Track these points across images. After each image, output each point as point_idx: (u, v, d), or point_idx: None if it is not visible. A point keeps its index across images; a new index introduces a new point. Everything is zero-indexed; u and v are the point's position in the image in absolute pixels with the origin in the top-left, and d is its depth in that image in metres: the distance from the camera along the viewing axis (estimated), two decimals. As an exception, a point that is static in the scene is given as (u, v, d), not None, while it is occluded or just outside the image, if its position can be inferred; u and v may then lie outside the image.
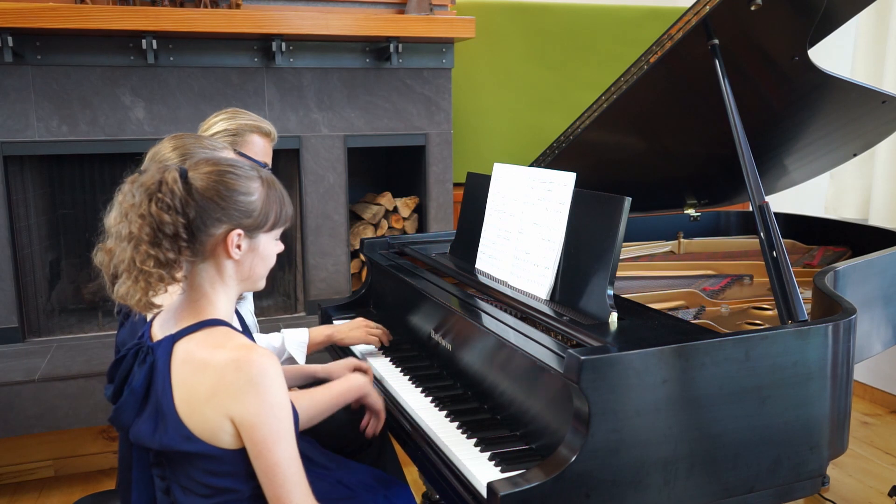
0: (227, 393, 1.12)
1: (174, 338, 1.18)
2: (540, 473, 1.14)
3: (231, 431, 1.14)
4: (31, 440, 2.69)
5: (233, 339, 1.18)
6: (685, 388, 1.21)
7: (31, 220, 2.93)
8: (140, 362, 1.19)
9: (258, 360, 1.13)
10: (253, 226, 1.20)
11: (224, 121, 1.85)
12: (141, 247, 1.13)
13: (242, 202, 1.18)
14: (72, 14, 2.58)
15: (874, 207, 3.14)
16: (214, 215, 1.16)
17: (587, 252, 1.46)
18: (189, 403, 1.14)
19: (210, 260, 1.20)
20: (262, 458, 1.13)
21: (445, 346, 1.68)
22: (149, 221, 1.13)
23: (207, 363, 1.14)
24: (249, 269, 1.23)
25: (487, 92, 3.68)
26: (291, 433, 1.16)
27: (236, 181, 1.19)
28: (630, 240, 2.44)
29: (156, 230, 1.13)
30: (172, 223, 1.13)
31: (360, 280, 3.37)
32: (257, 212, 1.20)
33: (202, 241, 1.17)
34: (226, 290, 1.23)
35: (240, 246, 1.20)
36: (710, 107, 1.76)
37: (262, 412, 1.12)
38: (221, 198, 1.17)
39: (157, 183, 1.14)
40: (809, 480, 1.34)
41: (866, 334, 1.76)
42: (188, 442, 1.14)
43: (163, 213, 1.13)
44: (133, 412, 1.19)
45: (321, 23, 2.87)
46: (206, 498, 1.18)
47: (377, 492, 1.47)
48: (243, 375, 1.11)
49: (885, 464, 2.81)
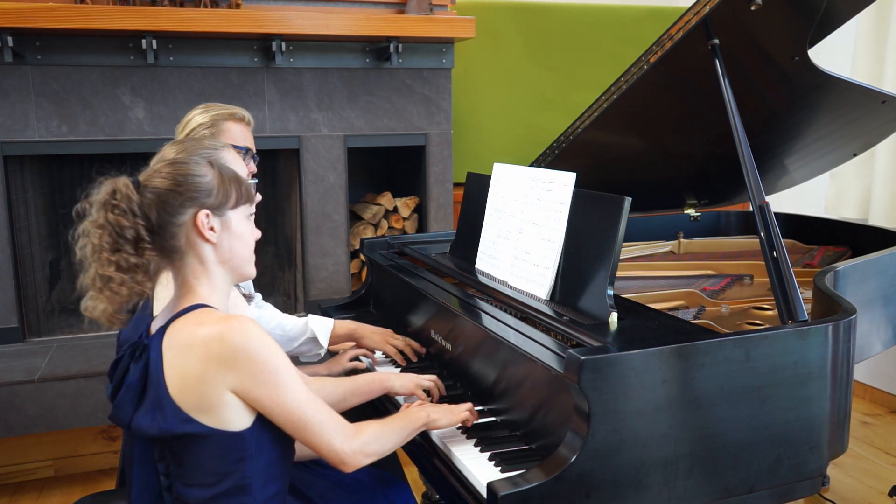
0: (217, 366, 1.14)
1: (163, 330, 1.20)
2: (540, 473, 1.14)
3: (238, 405, 1.16)
4: (31, 440, 2.69)
5: (213, 315, 1.19)
6: (685, 388, 1.21)
7: (31, 220, 2.93)
8: (136, 359, 1.21)
9: (238, 325, 1.15)
10: (217, 203, 1.23)
11: (198, 115, 1.86)
12: (102, 255, 1.17)
13: (199, 183, 1.22)
14: (72, 14, 2.58)
15: (874, 207, 3.14)
16: (176, 203, 1.20)
17: (587, 252, 1.46)
18: (182, 385, 1.16)
19: (189, 252, 1.23)
20: (277, 414, 1.17)
21: (445, 346, 1.68)
22: (108, 230, 1.17)
23: (192, 342, 1.16)
24: (228, 249, 1.26)
25: (487, 92, 3.68)
26: (294, 381, 1.18)
27: (187, 167, 1.22)
28: (630, 240, 2.43)
29: (116, 237, 1.17)
30: (132, 226, 1.17)
31: (360, 280, 3.37)
32: (216, 188, 1.23)
33: (173, 233, 1.21)
34: (209, 278, 1.25)
35: (213, 228, 1.23)
36: (710, 107, 1.76)
37: (257, 373, 1.15)
38: (178, 184, 1.20)
39: (109, 193, 1.18)
40: (809, 480, 1.34)
41: (866, 334, 1.76)
42: (187, 424, 1.15)
43: (120, 218, 1.17)
44: (131, 407, 1.20)
45: (321, 23, 2.87)
46: (212, 487, 1.19)
47: (377, 491, 1.47)
48: (228, 345, 1.14)
49: (885, 464, 2.81)
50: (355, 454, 1.21)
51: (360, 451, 1.22)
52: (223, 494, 1.19)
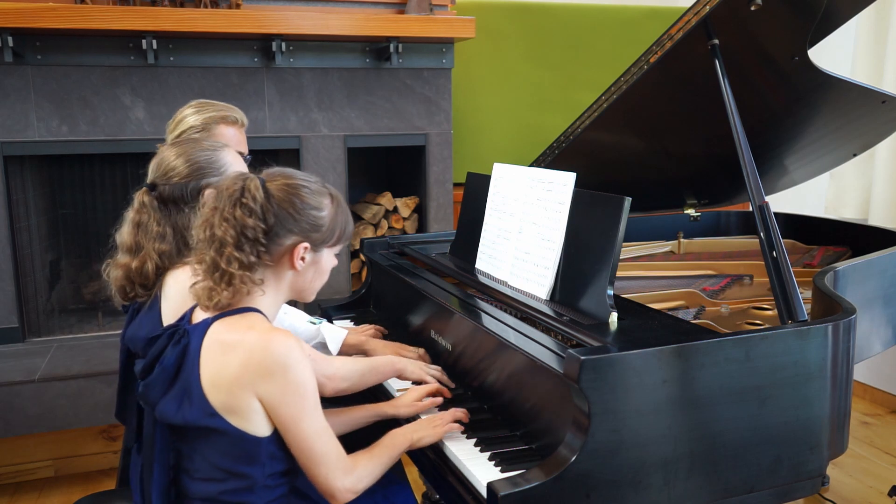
0: (255, 372, 1.17)
1: (209, 321, 1.23)
2: (540, 473, 1.14)
3: (261, 412, 1.19)
4: (31, 440, 2.69)
5: (263, 323, 1.23)
6: (685, 388, 1.21)
7: (31, 220, 2.93)
8: (175, 343, 1.24)
9: (284, 341, 1.18)
10: (320, 240, 1.28)
11: (190, 116, 1.85)
12: (225, 249, 1.20)
13: (314, 216, 1.26)
14: (72, 14, 2.58)
15: (874, 207, 3.14)
16: (288, 225, 1.24)
17: (587, 252, 1.46)
18: (216, 381, 1.19)
19: (271, 267, 1.26)
20: (291, 434, 1.20)
21: (445, 346, 1.68)
22: (233, 224, 1.20)
23: (237, 343, 1.19)
24: (308, 281, 1.32)
25: (487, 92, 3.68)
26: (316, 410, 1.22)
27: (309, 196, 1.26)
28: (630, 240, 2.43)
29: (239, 233, 1.20)
30: (254, 227, 1.21)
31: (360, 280, 3.37)
32: (325, 227, 1.28)
33: (273, 249, 1.24)
34: (275, 293, 1.29)
35: (304, 258, 1.27)
36: (710, 107, 1.76)
37: (288, 391, 1.18)
38: (296, 209, 1.24)
39: (240, 189, 1.21)
40: (809, 480, 1.34)
41: (866, 334, 1.76)
42: (211, 418, 1.18)
43: (246, 217, 1.20)
44: (161, 390, 1.23)
45: (321, 23, 2.87)
46: (218, 483, 1.21)
47: (377, 491, 1.47)
48: (270, 356, 1.17)
49: (885, 464, 2.81)
50: (346, 492, 1.25)
51: (351, 489, 1.25)
52: (228, 492, 1.21)
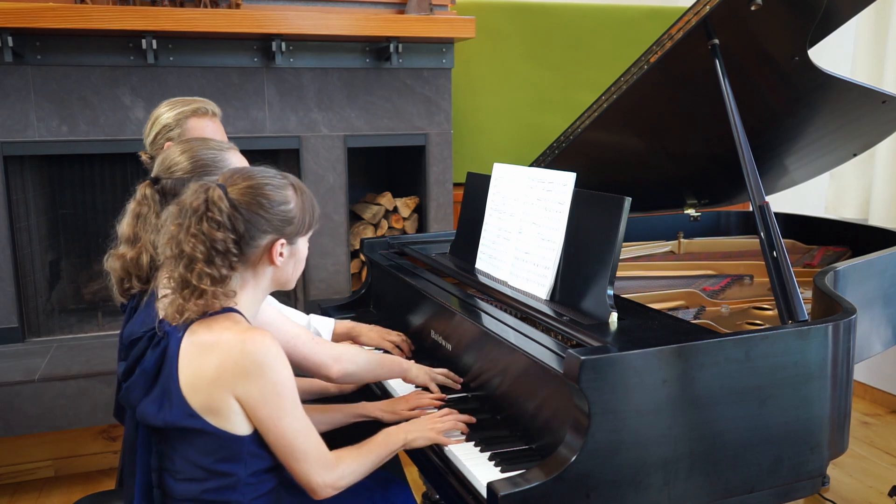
0: (232, 373, 1.17)
1: (188, 324, 1.22)
2: (540, 473, 1.14)
3: (240, 412, 1.19)
4: (31, 440, 2.69)
5: (240, 324, 1.22)
6: (685, 388, 1.21)
7: (31, 220, 2.93)
8: (154, 346, 1.24)
9: (262, 340, 1.18)
10: (293, 232, 1.28)
11: (164, 115, 1.85)
12: (196, 265, 1.19)
13: (283, 211, 1.25)
14: (72, 14, 2.58)
15: (874, 207, 3.14)
16: (261, 227, 1.23)
17: (587, 252, 1.46)
18: (194, 383, 1.19)
19: (251, 268, 1.26)
20: (271, 433, 1.20)
21: (445, 346, 1.68)
22: (202, 240, 1.19)
23: (214, 345, 1.19)
24: (290, 272, 1.32)
25: (487, 92, 3.68)
26: (296, 407, 1.21)
27: (274, 192, 1.25)
28: (630, 240, 2.43)
29: (209, 248, 1.19)
30: (224, 240, 1.20)
31: (360, 280, 3.37)
32: (297, 218, 1.28)
33: (249, 252, 1.24)
34: (254, 290, 1.29)
35: (282, 254, 1.26)
36: (710, 107, 1.76)
37: (266, 391, 1.18)
38: (265, 209, 1.23)
39: (203, 203, 1.20)
40: (809, 480, 1.34)
41: (866, 334, 1.76)
42: (190, 419, 1.18)
43: (214, 231, 1.19)
44: (142, 392, 1.23)
45: (321, 23, 2.87)
46: (200, 482, 1.21)
47: (376, 491, 1.47)
48: (248, 357, 1.17)
49: (885, 464, 2.81)
50: (326, 488, 1.24)
51: (332, 484, 1.25)
52: (211, 491, 1.22)
